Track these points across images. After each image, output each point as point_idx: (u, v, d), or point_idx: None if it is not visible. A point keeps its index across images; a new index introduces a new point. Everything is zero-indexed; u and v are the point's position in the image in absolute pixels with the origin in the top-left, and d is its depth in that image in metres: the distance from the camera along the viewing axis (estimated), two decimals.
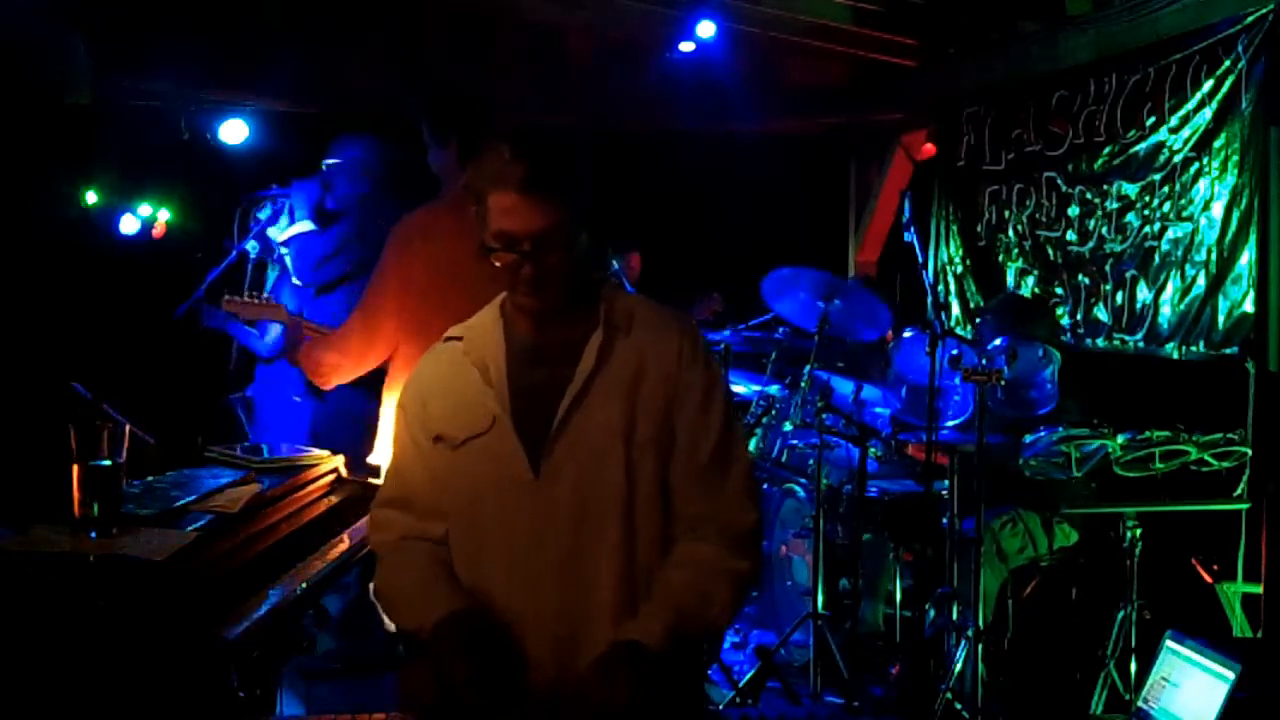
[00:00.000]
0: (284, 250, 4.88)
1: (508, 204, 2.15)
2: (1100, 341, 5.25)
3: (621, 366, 2.24)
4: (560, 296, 2.23)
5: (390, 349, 3.49)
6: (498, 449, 2.24)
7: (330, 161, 4.89)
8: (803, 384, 5.03)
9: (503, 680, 2.11)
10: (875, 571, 4.70)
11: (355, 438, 4.26)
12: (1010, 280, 5.94)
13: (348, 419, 4.71)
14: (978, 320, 5.91)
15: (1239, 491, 4.40)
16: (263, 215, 4.86)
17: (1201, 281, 4.68)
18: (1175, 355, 4.81)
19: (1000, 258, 6.02)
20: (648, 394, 2.23)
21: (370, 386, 4.80)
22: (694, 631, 2.20)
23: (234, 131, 5.30)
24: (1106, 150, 5.23)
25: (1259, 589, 4.34)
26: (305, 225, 4.85)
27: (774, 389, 5.39)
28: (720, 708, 4.22)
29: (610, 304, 2.29)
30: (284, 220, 4.87)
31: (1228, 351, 4.54)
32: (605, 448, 2.21)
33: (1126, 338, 5.10)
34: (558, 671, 2.20)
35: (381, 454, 3.59)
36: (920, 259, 4.48)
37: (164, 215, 4.99)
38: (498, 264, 2.19)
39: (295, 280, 4.91)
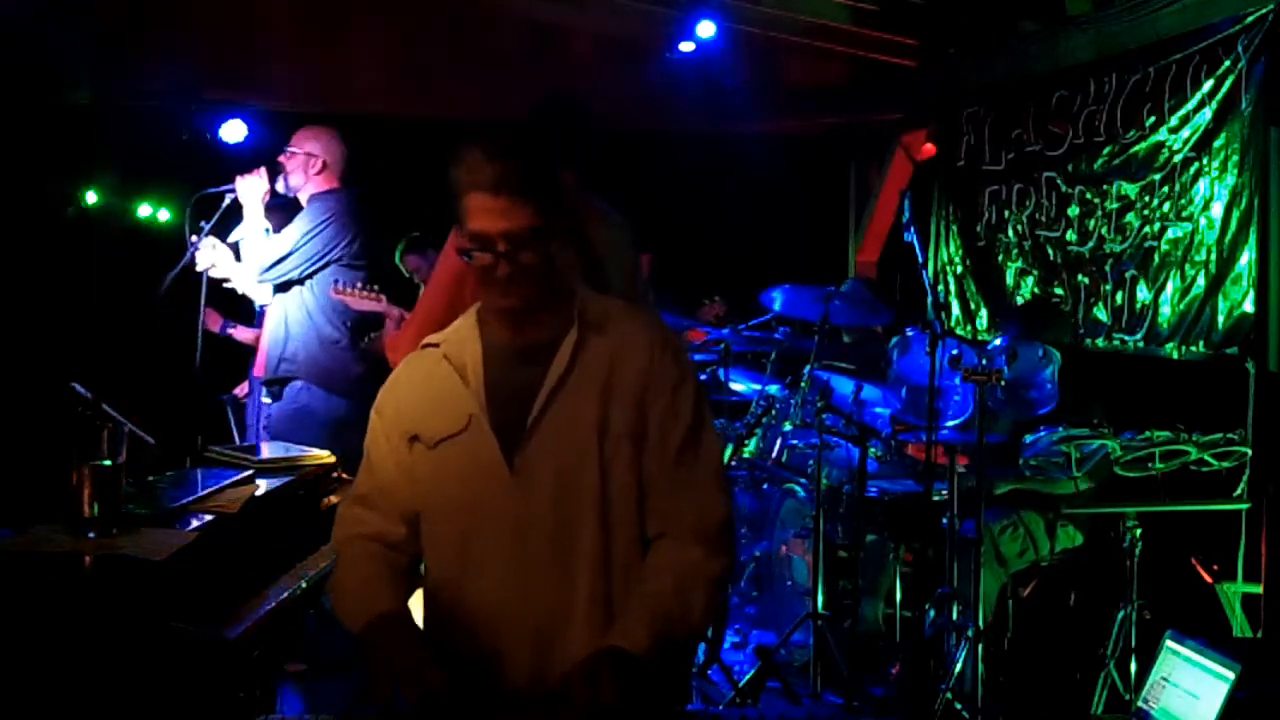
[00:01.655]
0: (211, 270, 4.85)
1: (482, 204, 2.18)
2: (1100, 341, 5.25)
3: (596, 364, 2.26)
4: (535, 297, 2.25)
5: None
6: (474, 448, 2.26)
7: (286, 150, 4.87)
8: (803, 384, 5.03)
9: (437, 677, 2.10)
10: (875, 571, 4.69)
11: (312, 437, 4.27)
12: (1010, 280, 5.94)
13: (304, 418, 4.71)
14: (997, 324, 5.92)
15: (1239, 491, 4.40)
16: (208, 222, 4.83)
17: (1201, 281, 4.68)
18: (1175, 355, 4.81)
19: (1000, 258, 6.02)
20: (621, 390, 2.26)
21: (332, 386, 4.79)
22: (677, 636, 2.23)
23: (234, 131, 5.29)
24: (1106, 150, 5.23)
25: (1259, 589, 4.34)
26: (257, 223, 4.81)
27: (774, 389, 5.39)
28: (720, 708, 4.22)
29: (585, 305, 2.32)
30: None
31: (1228, 351, 4.53)
32: (580, 443, 2.24)
33: (1126, 338, 5.10)
34: (535, 666, 2.23)
35: None
36: (920, 259, 4.48)
37: (164, 215, 4.98)
38: (475, 264, 2.22)
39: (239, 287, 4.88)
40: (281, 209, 4.95)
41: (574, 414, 2.24)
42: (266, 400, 4.87)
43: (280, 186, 4.87)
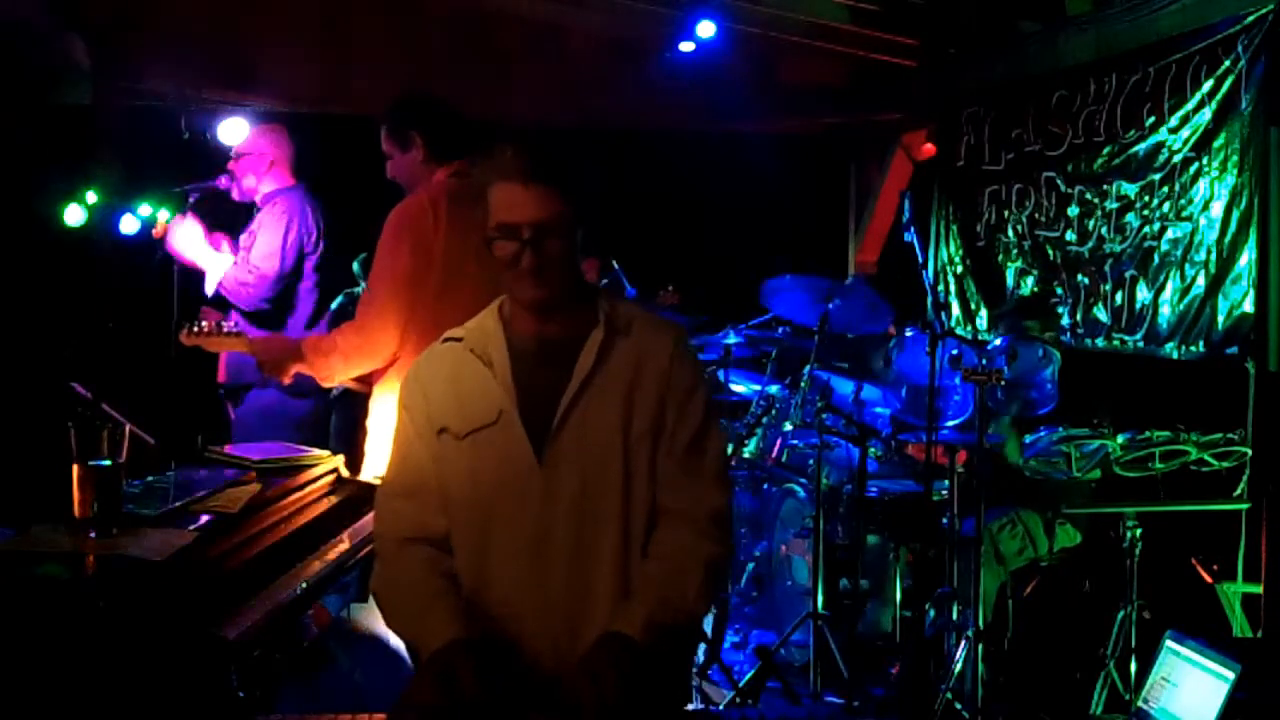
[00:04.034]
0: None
1: (509, 196, 2.27)
2: (1099, 341, 5.25)
3: (620, 365, 2.35)
4: (560, 287, 2.32)
5: (394, 341, 3.52)
6: (503, 440, 2.32)
7: (237, 153, 4.86)
8: (803, 384, 5.03)
9: (506, 701, 2.15)
10: (882, 574, 4.69)
11: (278, 435, 4.27)
12: (1010, 280, 5.94)
13: (270, 417, 4.70)
14: (995, 323, 5.92)
15: (1239, 491, 4.40)
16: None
17: (1201, 281, 4.68)
18: (1175, 355, 4.81)
19: (1000, 258, 6.02)
20: (643, 390, 2.34)
21: (299, 389, 4.79)
22: (673, 620, 2.28)
23: (234, 131, 5.29)
24: (1106, 150, 5.23)
25: (1259, 589, 4.33)
26: (217, 264, 4.79)
27: (774, 389, 5.39)
28: (720, 708, 4.22)
29: (611, 308, 2.40)
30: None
31: (1228, 351, 4.53)
32: (606, 440, 2.32)
33: (1126, 338, 5.10)
34: (556, 658, 2.28)
35: (376, 462, 3.60)
36: (920, 259, 4.48)
37: (164, 215, 4.97)
38: (499, 254, 2.29)
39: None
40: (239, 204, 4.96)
41: (600, 412, 2.32)
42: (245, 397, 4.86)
43: (235, 194, 4.87)
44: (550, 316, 2.36)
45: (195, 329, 3.84)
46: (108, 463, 2.48)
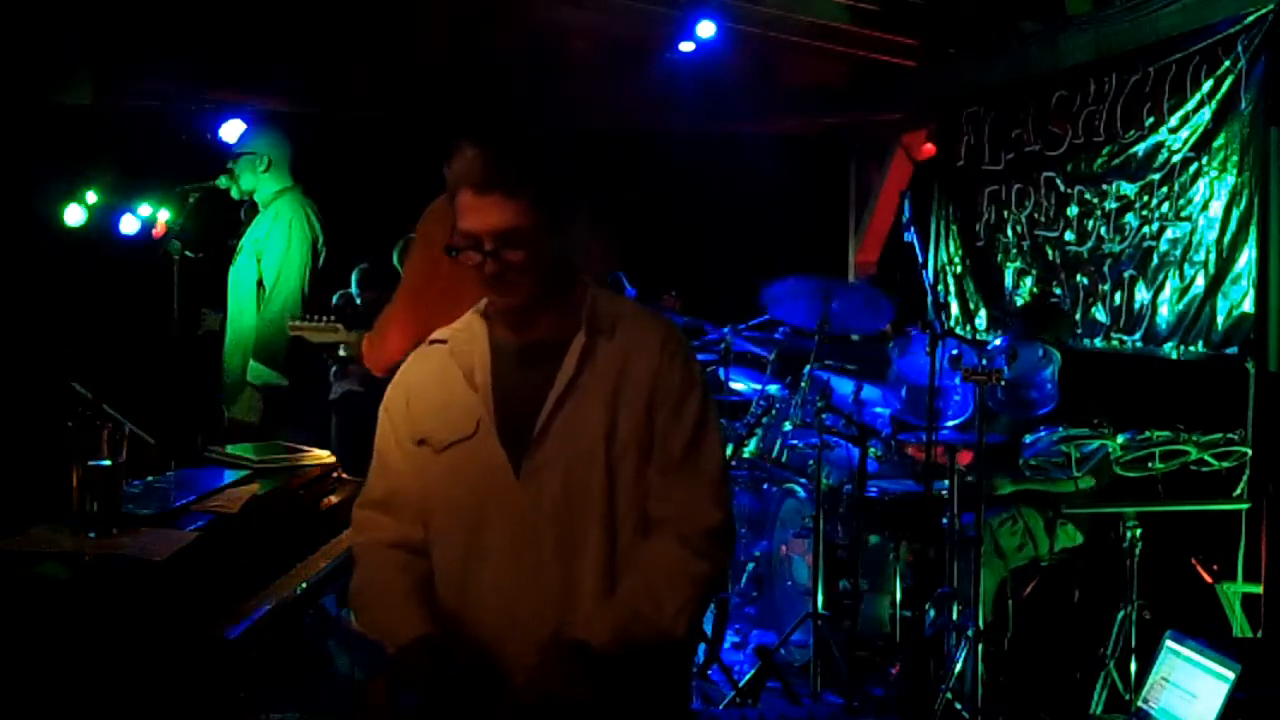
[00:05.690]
0: None
1: (469, 202, 2.15)
2: (1098, 342, 5.25)
3: (604, 369, 2.23)
4: (528, 295, 2.21)
5: (400, 340, 3.53)
6: (481, 452, 2.23)
7: (236, 153, 4.87)
8: (803, 384, 5.02)
9: (467, 703, 2.12)
10: (882, 574, 4.69)
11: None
12: (1009, 280, 5.94)
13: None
14: (998, 324, 5.93)
15: (1239, 491, 4.40)
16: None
17: (1200, 281, 4.68)
18: (1174, 355, 4.81)
19: (999, 258, 6.02)
20: (629, 395, 2.22)
21: None
22: (643, 635, 2.16)
23: (234, 131, 5.29)
24: (1106, 150, 5.23)
25: (1259, 589, 4.34)
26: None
27: (774, 389, 5.38)
28: (720, 708, 4.22)
29: (595, 307, 2.27)
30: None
31: (1227, 352, 4.54)
32: (586, 450, 2.20)
33: (1125, 338, 5.10)
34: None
35: None
36: (920, 259, 4.48)
37: (164, 215, 4.97)
38: (464, 262, 2.18)
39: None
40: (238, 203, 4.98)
41: (581, 420, 2.20)
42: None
43: (235, 193, 4.87)
44: (531, 320, 2.25)
45: (301, 320, 4.03)
46: (108, 463, 2.48)
